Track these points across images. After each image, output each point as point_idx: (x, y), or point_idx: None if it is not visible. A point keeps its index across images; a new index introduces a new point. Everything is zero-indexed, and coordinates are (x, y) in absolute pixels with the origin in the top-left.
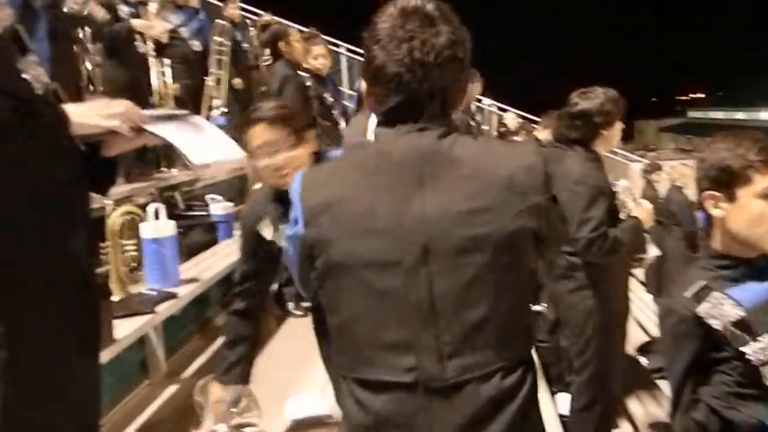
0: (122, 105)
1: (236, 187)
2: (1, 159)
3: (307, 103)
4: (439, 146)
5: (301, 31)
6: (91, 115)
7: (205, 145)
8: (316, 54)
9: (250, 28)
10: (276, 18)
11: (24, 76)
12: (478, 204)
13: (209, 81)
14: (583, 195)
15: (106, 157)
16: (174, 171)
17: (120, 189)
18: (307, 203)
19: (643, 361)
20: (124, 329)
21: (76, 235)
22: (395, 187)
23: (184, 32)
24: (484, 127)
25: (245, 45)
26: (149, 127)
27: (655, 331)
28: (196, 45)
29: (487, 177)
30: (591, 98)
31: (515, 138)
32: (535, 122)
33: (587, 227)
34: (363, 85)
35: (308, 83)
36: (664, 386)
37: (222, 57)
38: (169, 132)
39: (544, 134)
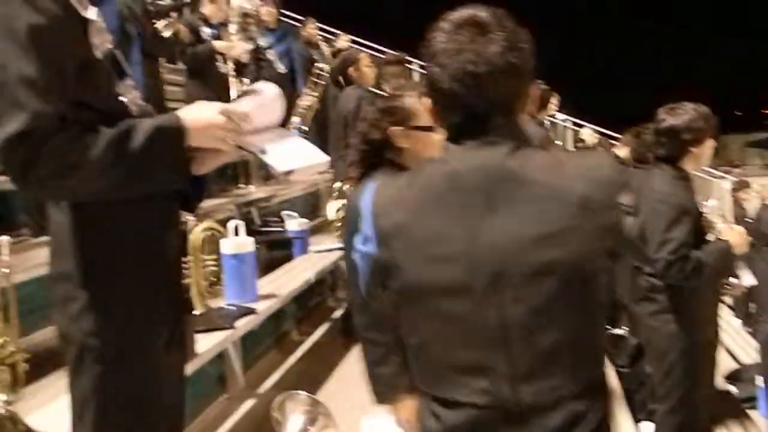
0: (226, 124)
1: (310, 204)
2: None
3: None
4: (508, 165)
5: (382, 53)
6: (204, 122)
7: (287, 152)
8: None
9: (327, 49)
10: (349, 36)
11: (121, 99)
12: (551, 228)
13: (306, 101)
14: (665, 214)
15: (195, 175)
16: (251, 187)
17: (201, 205)
18: (380, 225)
19: (733, 389)
20: (204, 343)
21: (170, 251)
22: (464, 211)
23: (271, 54)
24: (557, 142)
25: (321, 65)
26: (244, 139)
27: (745, 359)
28: (281, 68)
29: (560, 197)
30: (679, 114)
31: None
32: (613, 138)
33: (667, 248)
34: (427, 101)
35: None
36: (755, 416)
37: (316, 80)
38: (257, 141)
39: (624, 151)
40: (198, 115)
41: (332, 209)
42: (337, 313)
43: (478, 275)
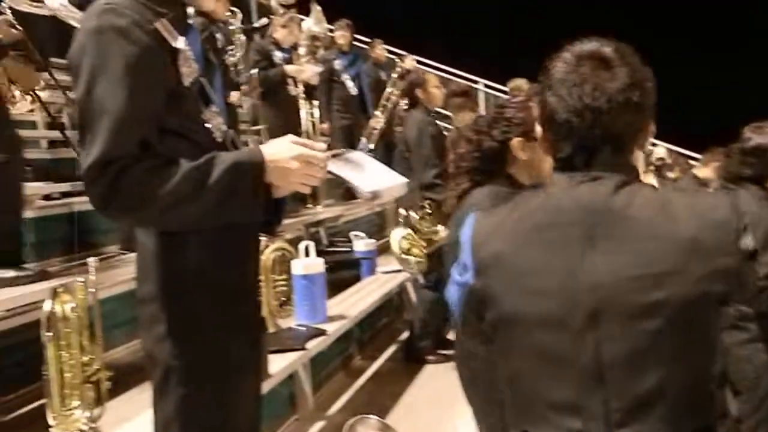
0: (316, 159)
1: (376, 224)
2: None
3: (445, 153)
4: (612, 202)
5: (450, 73)
6: (284, 154)
7: (370, 174)
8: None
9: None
10: (415, 57)
11: (207, 125)
12: (655, 269)
13: (377, 121)
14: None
15: (276, 198)
16: (319, 208)
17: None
18: (479, 253)
19: None
20: (277, 364)
21: (250, 275)
22: (565, 245)
23: (344, 76)
24: None
25: (390, 87)
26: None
27: None
28: (353, 88)
29: (667, 238)
30: (767, 133)
31: (670, 174)
32: (690, 158)
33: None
34: (539, 129)
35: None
36: None
37: (386, 103)
38: (337, 167)
39: (704, 172)
40: (278, 151)
41: (395, 238)
42: (404, 335)
43: (574, 311)
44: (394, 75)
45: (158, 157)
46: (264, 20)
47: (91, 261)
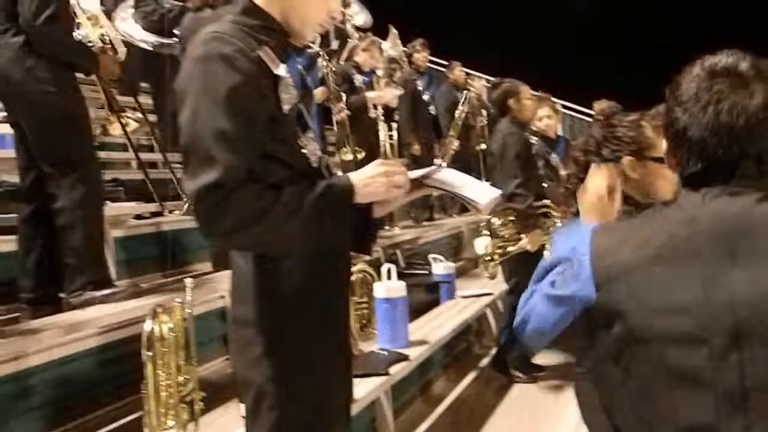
0: (398, 171)
1: (452, 246)
2: None
3: (530, 162)
4: (754, 215)
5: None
6: (370, 180)
7: (472, 187)
8: (541, 116)
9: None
10: (488, 77)
11: (303, 151)
12: None
13: (451, 142)
14: None
15: (371, 218)
16: (396, 230)
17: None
18: (601, 267)
19: None
20: (360, 389)
21: (342, 299)
22: (702, 260)
23: (426, 97)
24: None
25: (462, 108)
26: (428, 180)
27: None
28: (432, 109)
29: None
30: None
31: None
32: None
33: None
34: (663, 144)
35: (533, 141)
36: None
37: (458, 123)
38: (441, 182)
39: None
40: (361, 171)
41: (481, 245)
42: (484, 362)
43: (714, 330)
44: (468, 93)
45: (261, 181)
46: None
47: (188, 282)
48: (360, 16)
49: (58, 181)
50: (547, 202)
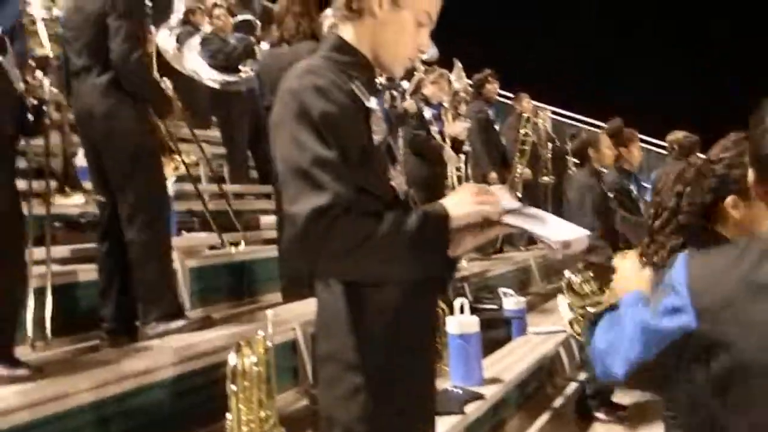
0: (489, 192)
1: (520, 280)
2: None
3: (607, 216)
4: None
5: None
6: (465, 205)
7: (553, 226)
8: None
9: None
10: (553, 108)
11: (392, 183)
12: None
13: (517, 173)
14: None
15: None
16: (463, 263)
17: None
18: (702, 297)
19: None
20: (437, 429)
21: (430, 333)
22: None
23: (497, 127)
24: None
25: (528, 138)
26: (504, 218)
27: None
28: (503, 142)
29: None
30: None
31: None
32: None
33: None
34: (750, 174)
35: (611, 180)
36: None
37: (524, 147)
38: (518, 220)
39: None
40: (457, 199)
41: (565, 307)
42: (558, 402)
43: None
44: (531, 117)
45: (361, 209)
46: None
47: (270, 314)
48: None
49: (130, 215)
50: (626, 253)
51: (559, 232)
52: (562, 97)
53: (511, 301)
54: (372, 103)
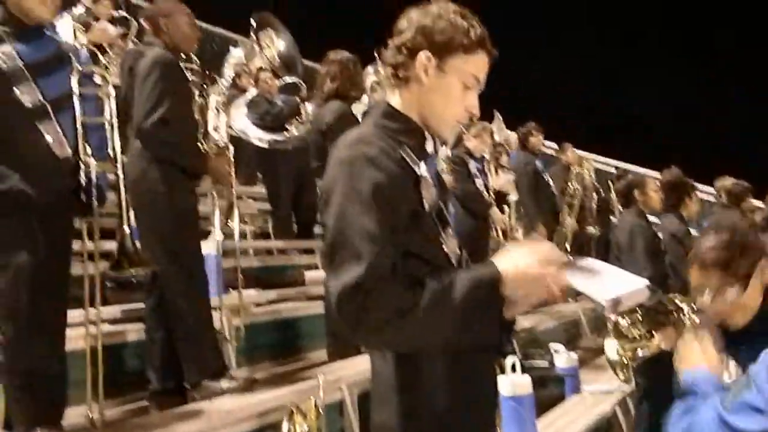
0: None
1: (570, 334)
2: None
3: (658, 258)
4: None
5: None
6: (524, 275)
7: (606, 280)
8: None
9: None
10: (599, 158)
11: (444, 248)
12: None
13: (571, 223)
14: None
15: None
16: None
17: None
18: None
19: None
20: None
21: (487, 403)
22: None
23: (546, 177)
24: None
25: (575, 187)
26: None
27: None
28: (554, 189)
29: None
30: None
31: None
32: None
33: None
34: None
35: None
36: None
37: (573, 202)
38: (573, 277)
39: None
40: (515, 264)
41: (612, 348)
42: None
43: None
44: (577, 169)
45: (405, 276)
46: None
47: (320, 378)
48: None
49: (166, 274)
50: (677, 297)
51: (612, 286)
52: (610, 147)
53: (563, 358)
54: (422, 168)
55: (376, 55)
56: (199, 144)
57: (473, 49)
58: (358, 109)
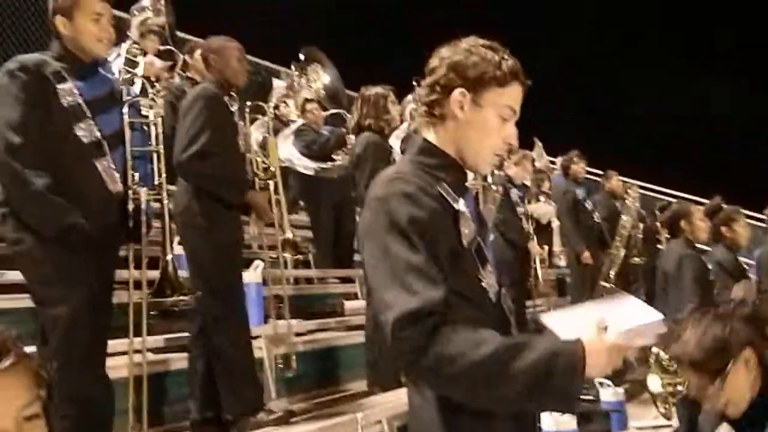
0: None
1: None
2: None
3: (706, 287)
4: None
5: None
6: (605, 363)
7: (621, 313)
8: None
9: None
10: (645, 185)
11: (483, 285)
12: None
13: (618, 253)
14: None
15: None
16: None
17: None
18: None
19: None
20: None
21: None
22: None
23: (588, 205)
24: None
25: (626, 218)
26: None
27: None
28: (597, 217)
29: None
30: None
31: None
32: None
33: None
34: None
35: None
36: None
37: (623, 233)
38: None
39: None
40: (595, 343)
41: (655, 383)
42: None
43: None
44: (628, 203)
45: (466, 321)
46: None
47: (359, 417)
48: None
49: (206, 305)
50: None
51: (625, 319)
52: (657, 173)
53: (609, 392)
54: (460, 204)
55: (415, 83)
56: (244, 176)
57: (507, 82)
58: (397, 135)
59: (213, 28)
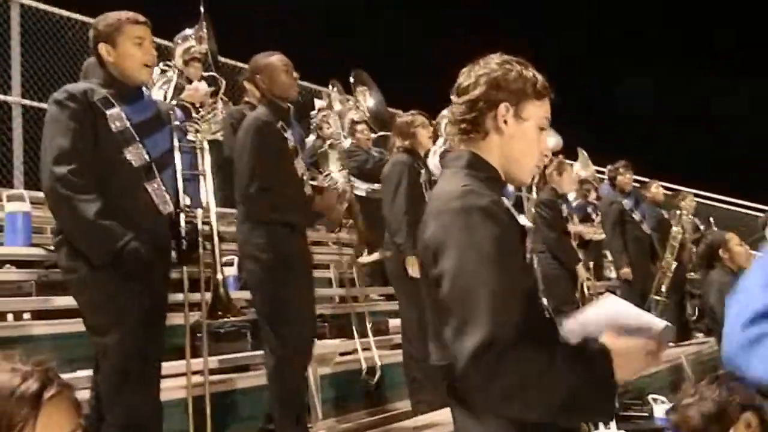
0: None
1: (669, 381)
2: None
3: None
4: None
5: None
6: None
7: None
8: None
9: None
10: (694, 191)
11: (540, 301)
12: None
13: (669, 265)
14: None
15: None
16: None
17: None
18: None
19: None
20: None
21: None
22: None
23: (636, 216)
24: None
25: (677, 227)
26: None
27: None
28: (646, 227)
29: None
30: None
31: None
32: None
33: None
34: None
35: None
36: None
37: (674, 244)
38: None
39: None
40: (618, 346)
41: None
42: None
43: None
44: (678, 213)
45: (533, 340)
46: None
47: None
48: (551, 140)
49: (261, 331)
50: None
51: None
52: (707, 179)
53: (662, 408)
54: (523, 219)
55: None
56: (305, 199)
57: (543, 95)
58: (434, 150)
59: (255, 52)
